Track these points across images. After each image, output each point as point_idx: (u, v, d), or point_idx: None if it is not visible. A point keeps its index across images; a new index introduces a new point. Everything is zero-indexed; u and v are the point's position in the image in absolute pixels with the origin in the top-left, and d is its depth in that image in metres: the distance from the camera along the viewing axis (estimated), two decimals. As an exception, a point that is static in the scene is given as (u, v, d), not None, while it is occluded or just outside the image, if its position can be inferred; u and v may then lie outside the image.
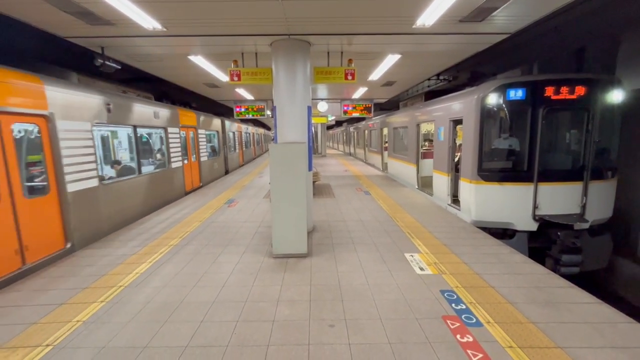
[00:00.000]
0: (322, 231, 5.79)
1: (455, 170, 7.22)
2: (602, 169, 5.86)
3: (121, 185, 6.38)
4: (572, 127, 6.24)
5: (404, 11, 4.42)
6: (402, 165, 11.53)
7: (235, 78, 6.06)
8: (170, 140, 8.74)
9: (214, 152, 13.91)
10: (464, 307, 3.21)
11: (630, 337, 2.72)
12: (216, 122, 13.88)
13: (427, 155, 10.12)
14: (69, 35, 5.15)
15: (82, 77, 5.98)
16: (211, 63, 7.17)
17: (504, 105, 5.81)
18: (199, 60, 6.79)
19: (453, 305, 3.25)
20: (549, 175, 5.81)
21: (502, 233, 6.04)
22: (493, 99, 5.86)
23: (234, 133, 17.55)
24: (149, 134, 8.67)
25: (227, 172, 15.28)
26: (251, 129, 23.03)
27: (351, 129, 26.38)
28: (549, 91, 5.66)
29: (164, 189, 8.28)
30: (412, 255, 4.57)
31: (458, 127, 7.26)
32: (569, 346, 2.61)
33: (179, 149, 9.26)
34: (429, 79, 12.38)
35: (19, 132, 4.38)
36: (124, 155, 8.83)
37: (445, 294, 3.47)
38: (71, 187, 4.86)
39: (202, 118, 11.77)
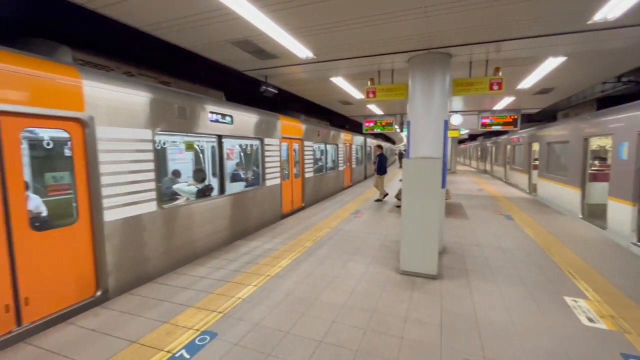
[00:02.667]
0: (454, 254, 5.35)
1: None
2: None
3: (191, 210, 5.15)
4: None
5: (574, 7, 3.74)
6: (558, 187, 9.52)
7: (371, 95, 6.35)
8: (267, 154, 7.47)
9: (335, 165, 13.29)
10: (663, 383, 2.39)
11: None
12: (334, 134, 12.88)
13: (597, 177, 8.07)
14: (246, 69, 6.52)
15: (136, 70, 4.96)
16: (349, 82, 7.75)
17: None
18: (339, 81, 7.45)
19: (644, 377, 2.47)
20: None
21: None
22: None
23: (355, 145, 16.87)
24: (238, 146, 7.88)
25: (349, 185, 15.38)
26: (374, 142, 23.37)
27: (488, 143, 23.49)
28: None
29: (253, 213, 6.94)
30: (575, 301, 3.70)
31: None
32: None
33: (277, 164, 7.91)
34: (603, 83, 9.93)
35: (37, 140, 3.76)
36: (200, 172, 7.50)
37: (630, 360, 2.67)
38: (113, 214, 3.87)
39: (309, 128, 10.11)
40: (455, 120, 12.13)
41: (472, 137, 33.32)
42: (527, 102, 10.86)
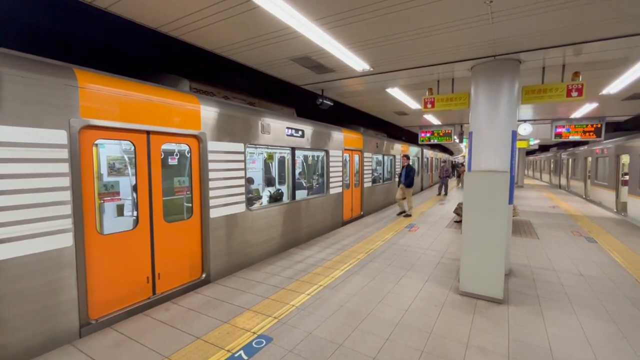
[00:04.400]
0: (522, 277, 4.85)
1: None
2: None
3: (270, 212, 5.88)
4: None
5: (680, 0, 3.23)
6: (656, 207, 8.11)
7: (429, 105, 6.15)
8: (332, 164, 8.04)
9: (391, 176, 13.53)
10: None
11: None
12: (391, 145, 13.10)
13: None
14: (303, 84, 6.79)
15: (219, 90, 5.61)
16: (405, 93, 7.61)
17: None
18: (395, 92, 7.36)
19: None
20: None
21: None
22: None
23: (411, 156, 16.62)
24: (308, 157, 8.57)
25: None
26: (430, 153, 22.43)
27: (563, 154, 21.04)
28: None
29: (318, 218, 7.52)
30: (683, 344, 3.09)
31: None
32: None
33: (340, 174, 8.44)
34: None
35: (170, 152, 4.63)
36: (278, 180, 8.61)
37: None
38: (216, 212, 4.72)
39: (368, 139, 10.55)
40: (524, 130, 11.11)
41: (544, 148, 30.19)
42: (614, 109, 9.55)
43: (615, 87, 6.67)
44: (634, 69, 5.51)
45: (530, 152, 36.23)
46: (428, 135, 11.36)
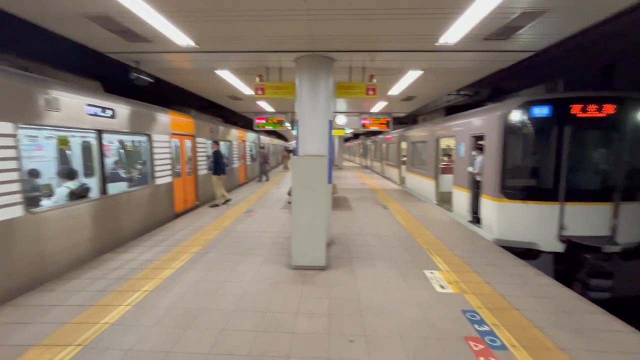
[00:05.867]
0: (340, 244, 5.79)
1: (476, 187, 7.09)
2: (634, 189, 5.63)
3: (71, 212, 4.67)
4: (601, 146, 6.05)
5: (426, 30, 4.49)
6: (420, 180, 11.42)
7: (260, 92, 6.26)
8: (156, 151, 7.06)
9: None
10: (487, 328, 3.13)
11: (669, 370, 2.58)
12: (227, 131, 12.78)
13: (446, 170, 10.00)
14: (109, 51, 5.50)
15: None
16: (237, 77, 7.44)
17: (528, 122, 5.72)
18: (225, 75, 7.07)
19: (476, 326, 3.17)
20: (576, 194, 5.62)
21: (525, 253, 5.85)
22: (517, 116, 5.79)
23: (248, 142, 16.69)
24: (126, 142, 7.35)
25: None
26: (268, 139, 23.38)
27: (368, 142, 26.42)
28: (576, 109, 5.54)
29: (142, 212, 6.54)
30: (432, 273, 4.49)
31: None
32: (601, 376, 2.50)
33: (168, 162, 7.58)
34: (448, 95, 12.33)
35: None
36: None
37: (467, 314, 3.39)
38: None
39: (201, 124, 9.82)
40: (340, 120, 13.13)
41: (356, 136, 36.92)
42: (397, 106, 12.62)
43: (396, 90, 8.76)
44: (405, 77, 7.37)
45: (347, 139, 43.63)
46: (263, 121, 11.74)
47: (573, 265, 5.66)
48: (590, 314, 3.43)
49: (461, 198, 7.74)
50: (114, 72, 7.06)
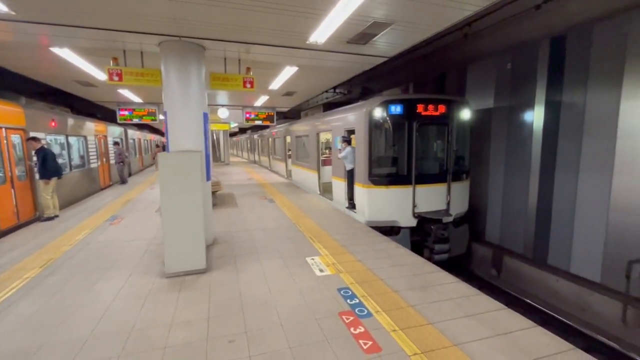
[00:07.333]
0: (224, 243, 5.54)
1: (350, 176, 7.88)
2: (459, 172, 7.28)
3: None
4: (438, 138, 7.58)
5: (297, 28, 4.65)
6: (304, 172, 11.97)
7: (116, 78, 5.33)
8: None
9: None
10: (357, 301, 3.53)
11: (478, 306, 3.44)
12: (79, 123, 10.68)
13: (327, 162, 10.77)
14: None
15: None
16: (83, 58, 6.14)
17: (387, 119, 6.66)
18: (66, 54, 5.74)
19: (348, 301, 3.53)
20: (423, 178, 6.91)
21: (390, 230, 6.87)
22: (378, 113, 6.66)
23: (111, 138, 14.06)
24: None
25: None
26: (138, 134, 20.44)
27: (255, 136, 26.10)
28: (420, 108, 6.75)
29: None
30: (312, 259, 4.78)
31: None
32: (437, 321, 3.14)
33: None
34: (326, 91, 13.25)
35: None
36: None
37: (341, 292, 3.74)
38: None
39: (37, 114, 7.98)
40: (222, 113, 12.54)
41: (243, 131, 35.94)
42: (279, 101, 12.81)
43: (275, 84, 8.86)
44: (283, 73, 7.52)
45: (233, 134, 42.01)
46: (129, 113, 10.11)
47: (423, 235, 6.96)
48: (431, 273, 4.27)
49: (339, 187, 8.48)
50: None
